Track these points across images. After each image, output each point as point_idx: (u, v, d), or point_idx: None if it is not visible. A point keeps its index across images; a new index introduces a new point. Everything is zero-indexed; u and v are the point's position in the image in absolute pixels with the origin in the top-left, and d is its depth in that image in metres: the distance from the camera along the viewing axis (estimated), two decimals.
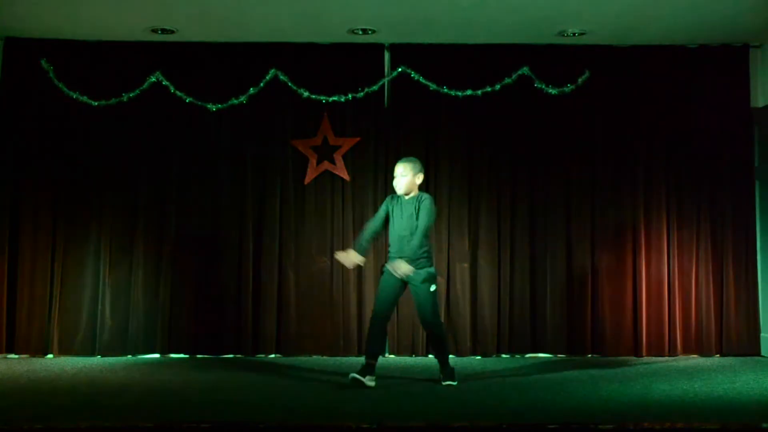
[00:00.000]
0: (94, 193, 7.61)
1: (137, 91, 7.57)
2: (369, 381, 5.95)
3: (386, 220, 6.20)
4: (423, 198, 6.11)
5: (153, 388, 6.02)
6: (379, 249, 7.56)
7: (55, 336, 7.46)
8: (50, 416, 5.01)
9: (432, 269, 6.07)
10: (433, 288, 6.01)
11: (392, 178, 7.66)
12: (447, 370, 6.07)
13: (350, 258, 6.13)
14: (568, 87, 7.67)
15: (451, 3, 6.74)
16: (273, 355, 7.51)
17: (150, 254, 7.61)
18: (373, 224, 6.25)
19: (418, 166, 6.19)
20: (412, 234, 6.00)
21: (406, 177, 6.12)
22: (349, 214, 7.71)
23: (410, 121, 7.78)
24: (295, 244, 7.66)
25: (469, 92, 7.66)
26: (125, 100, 7.57)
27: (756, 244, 7.75)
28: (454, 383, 6.00)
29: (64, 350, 7.46)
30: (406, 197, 6.15)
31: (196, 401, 5.57)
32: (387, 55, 7.78)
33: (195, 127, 7.68)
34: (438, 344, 6.14)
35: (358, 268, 7.62)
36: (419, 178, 6.16)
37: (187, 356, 7.52)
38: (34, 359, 7.31)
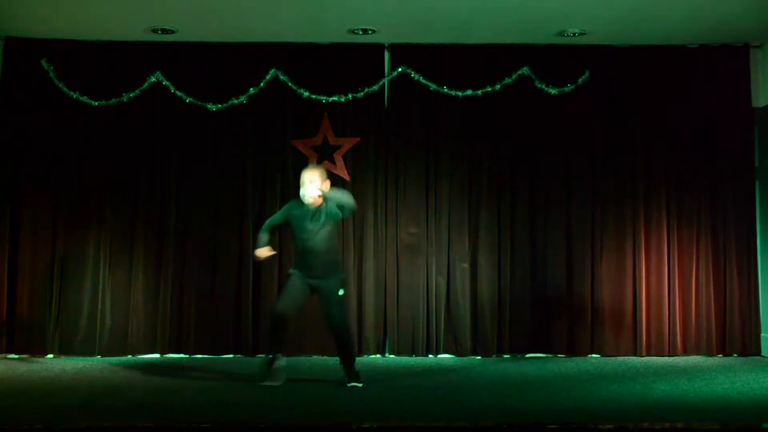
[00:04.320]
0: (94, 193, 7.61)
1: (137, 91, 7.57)
2: (278, 381, 6.00)
3: (281, 225, 6.18)
4: (333, 207, 5.99)
5: (153, 388, 6.02)
6: (379, 251, 7.58)
7: (55, 336, 7.45)
8: (50, 416, 5.01)
9: (342, 273, 6.16)
10: (341, 292, 6.02)
11: (391, 178, 7.75)
12: (352, 372, 6.01)
13: (263, 252, 6.07)
14: (568, 87, 7.67)
15: (451, 3, 6.74)
16: None
17: (150, 254, 7.61)
18: (271, 223, 6.20)
19: (325, 173, 6.09)
20: (329, 247, 5.99)
21: (315, 183, 5.94)
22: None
23: (410, 121, 7.77)
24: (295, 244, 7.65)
25: (469, 92, 7.66)
26: (125, 100, 7.57)
27: (756, 244, 7.74)
28: (360, 384, 5.94)
29: (64, 350, 7.46)
30: (313, 206, 5.99)
31: (196, 401, 5.57)
32: (387, 55, 7.78)
33: (195, 127, 7.68)
34: (345, 348, 6.06)
35: (359, 270, 7.64)
36: (326, 186, 6.01)
37: (187, 356, 7.52)
38: (34, 359, 7.30)
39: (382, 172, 7.71)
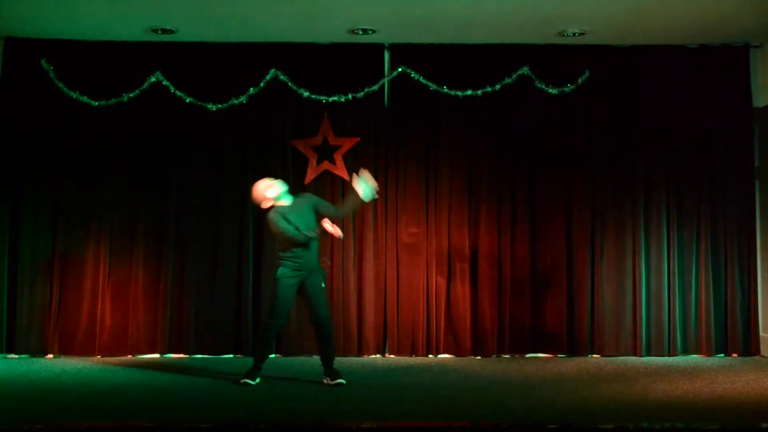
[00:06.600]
0: (94, 193, 7.61)
1: (137, 91, 7.57)
2: (257, 381, 6.17)
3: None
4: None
5: (153, 388, 6.03)
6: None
7: (55, 336, 7.46)
8: (50, 416, 5.02)
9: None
10: (323, 285, 6.29)
11: (391, 177, 7.75)
12: (334, 370, 6.18)
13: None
14: (568, 87, 7.67)
15: (451, 3, 6.74)
16: (273, 355, 7.49)
17: (150, 254, 7.61)
18: None
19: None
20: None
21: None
22: None
23: (410, 121, 7.78)
24: None
25: (469, 92, 7.66)
26: (125, 100, 7.57)
27: (756, 243, 7.74)
28: (344, 381, 6.10)
29: (64, 350, 7.46)
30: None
31: (196, 401, 5.58)
32: (387, 55, 7.78)
33: (195, 127, 7.68)
34: (329, 342, 6.22)
35: (359, 270, 7.64)
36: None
37: (187, 356, 7.52)
38: (34, 359, 7.31)
39: (382, 172, 7.70)
